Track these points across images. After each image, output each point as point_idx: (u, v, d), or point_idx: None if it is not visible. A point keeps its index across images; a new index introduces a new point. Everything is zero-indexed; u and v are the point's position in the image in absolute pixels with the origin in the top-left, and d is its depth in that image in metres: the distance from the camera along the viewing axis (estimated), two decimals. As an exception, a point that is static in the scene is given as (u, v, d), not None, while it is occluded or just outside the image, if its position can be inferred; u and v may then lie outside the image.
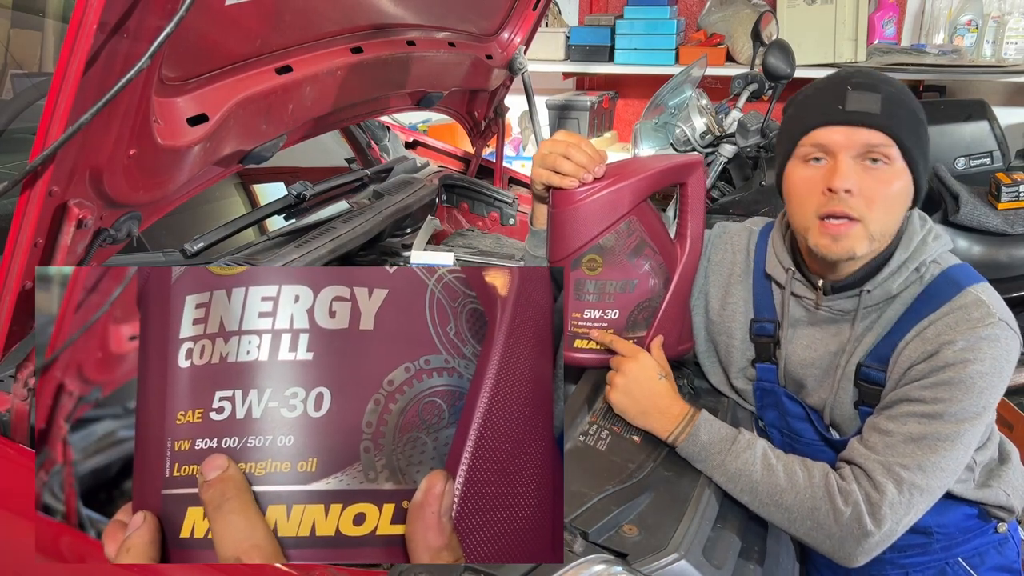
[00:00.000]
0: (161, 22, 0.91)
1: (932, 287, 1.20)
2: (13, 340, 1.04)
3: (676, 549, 1.02)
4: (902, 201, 1.18)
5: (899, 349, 1.19)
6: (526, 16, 2.05)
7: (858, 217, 1.15)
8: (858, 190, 1.14)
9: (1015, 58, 3.48)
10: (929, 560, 1.32)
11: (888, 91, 1.16)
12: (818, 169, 1.18)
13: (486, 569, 0.94)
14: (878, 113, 1.14)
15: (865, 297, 1.23)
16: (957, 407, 1.13)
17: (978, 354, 1.13)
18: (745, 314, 1.39)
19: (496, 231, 2.29)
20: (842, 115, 1.15)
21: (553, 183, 1.25)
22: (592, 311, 1.31)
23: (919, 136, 1.17)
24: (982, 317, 1.14)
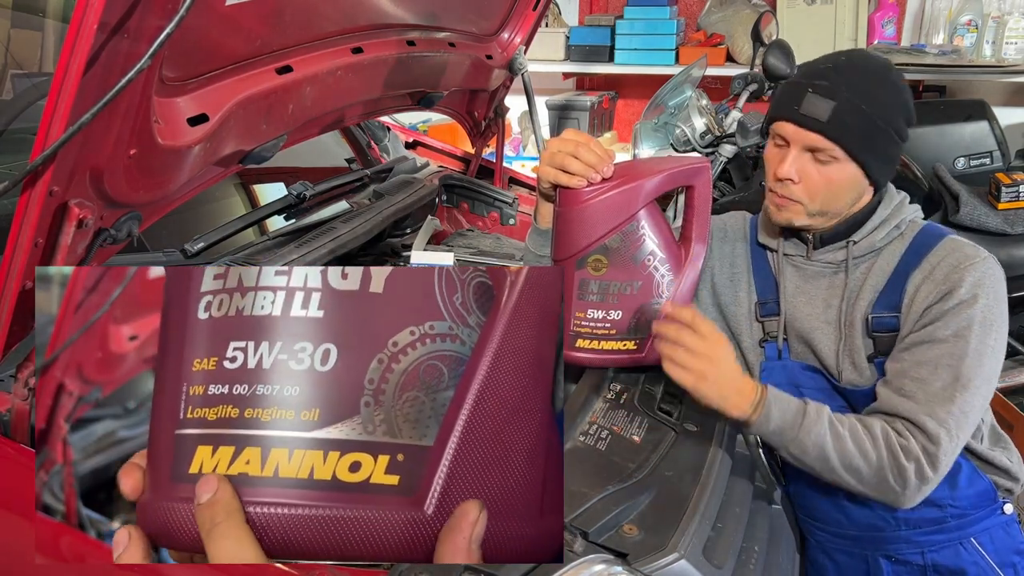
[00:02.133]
0: (161, 22, 0.91)
1: (917, 239, 1.34)
2: (13, 340, 1.04)
3: (676, 549, 1.03)
4: (847, 190, 1.32)
5: (910, 292, 1.30)
6: (526, 16, 2.05)
7: (797, 200, 1.32)
8: (800, 179, 1.31)
9: (1015, 58, 3.48)
10: (945, 539, 1.36)
11: (843, 100, 1.27)
12: (777, 152, 1.34)
13: (486, 569, 0.94)
14: (825, 121, 1.27)
15: (852, 248, 1.36)
16: (977, 342, 1.24)
17: (984, 289, 1.26)
18: (749, 292, 1.46)
19: (496, 231, 2.29)
20: (795, 115, 1.30)
21: (561, 182, 1.26)
22: (595, 311, 1.30)
23: (873, 140, 1.30)
24: (976, 253, 1.29)
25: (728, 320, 1.49)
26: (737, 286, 1.48)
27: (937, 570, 1.36)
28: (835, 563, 1.44)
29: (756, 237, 1.49)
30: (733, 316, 1.48)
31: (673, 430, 1.32)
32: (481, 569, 0.94)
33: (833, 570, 1.44)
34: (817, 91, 1.28)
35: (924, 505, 1.28)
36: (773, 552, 1.25)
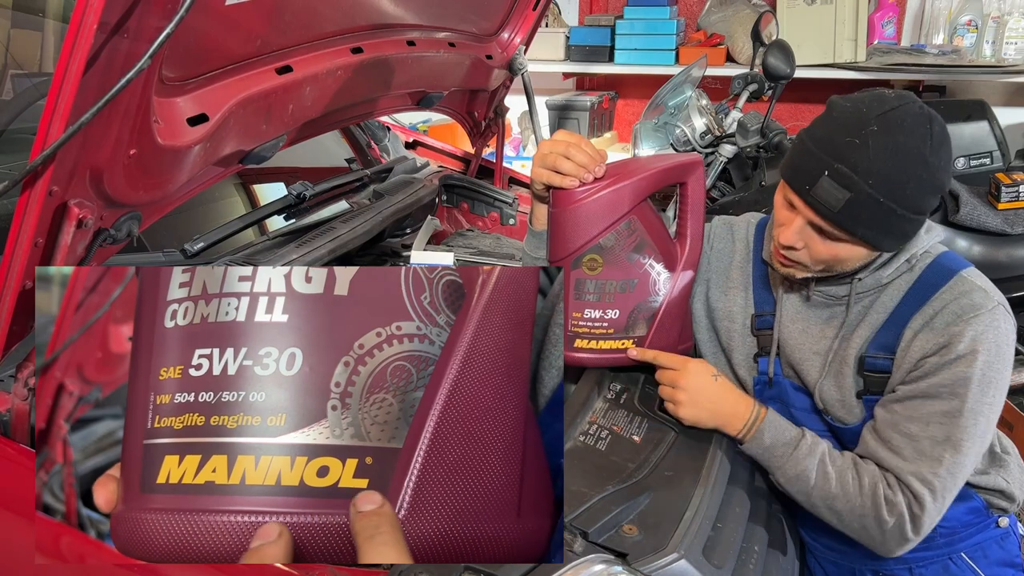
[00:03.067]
0: (161, 22, 0.91)
1: (925, 275, 1.25)
2: (13, 340, 1.04)
3: (676, 549, 1.02)
4: (853, 261, 1.23)
5: (907, 338, 1.23)
6: (526, 16, 2.05)
7: (800, 263, 1.25)
8: (804, 247, 1.23)
9: (1015, 58, 3.48)
10: (933, 555, 1.34)
11: (861, 190, 1.13)
12: (785, 212, 1.24)
13: (486, 569, 0.94)
14: (836, 211, 1.16)
15: (856, 284, 1.28)
16: (972, 400, 1.18)
17: (984, 343, 1.18)
18: (745, 305, 1.41)
19: (496, 231, 2.29)
20: (806, 195, 1.18)
21: (553, 183, 1.25)
22: (592, 311, 1.30)
23: (888, 226, 1.16)
24: (983, 302, 1.20)
25: (719, 334, 1.44)
26: (732, 299, 1.42)
27: None
28: (824, 572, 1.45)
29: (760, 248, 1.42)
30: (726, 331, 1.43)
31: (673, 430, 1.32)
32: (481, 569, 0.94)
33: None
34: (833, 176, 1.14)
35: None
36: (773, 552, 1.24)
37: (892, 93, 1.21)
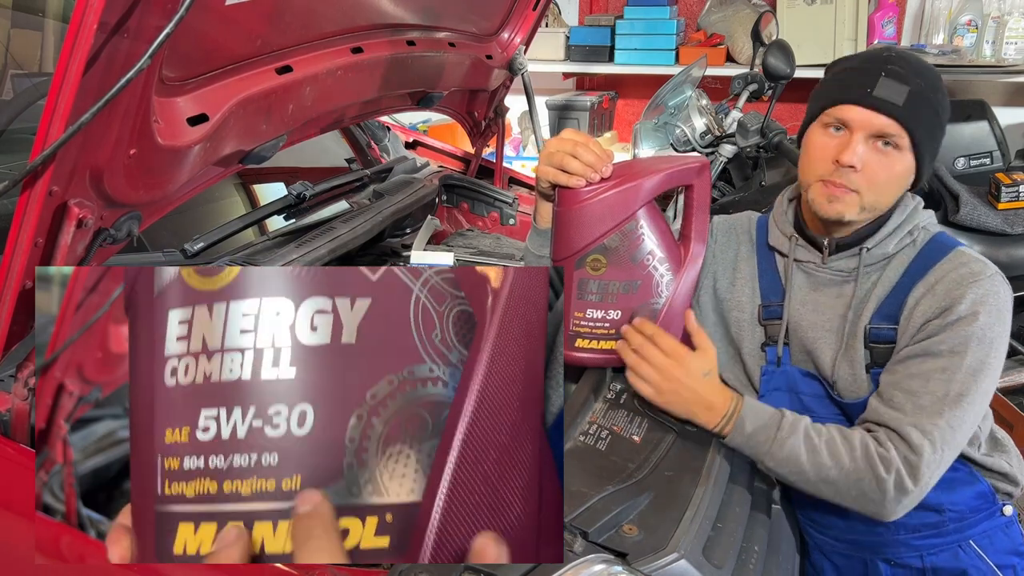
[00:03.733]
0: (161, 22, 0.91)
1: (925, 249, 1.31)
2: (13, 340, 1.04)
3: (676, 549, 1.02)
4: (902, 183, 1.30)
5: (910, 305, 1.27)
6: (526, 16, 2.05)
7: (856, 190, 1.27)
8: (863, 168, 1.26)
9: (1015, 58, 3.48)
10: (943, 542, 1.35)
11: (917, 86, 1.25)
12: (834, 138, 1.28)
13: (486, 569, 0.94)
14: (901, 105, 1.23)
15: (865, 256, 1.32)
16: (971, 358, 1.21)
17: (985, 306, 1.22)
18: (752, 296, 1.44)
19: (496, 231, 2.29)
20: (869, 99, 1.24)
21: (560, 182, 1.25)
22: (594, 311, 1.30)
23: (933, 132, 1.29)
24: (983, 270, 1.26)
25: (729, 325, 1.46)
26: (740, 290, 1.45)
27: (936, 573, 1.35)
28: (834, 565, 1.44)
29: (764, 239, 1.45)
30: (735, 321, 1.45)
31: (673, 430, 1.32)
32: (481, 569, 0.94)
33: (832, 572, 1.44)
34: (891, 75, 1.23)
35: (922, 509, 1.27)
36: (773, 552, 1.24)
37: None
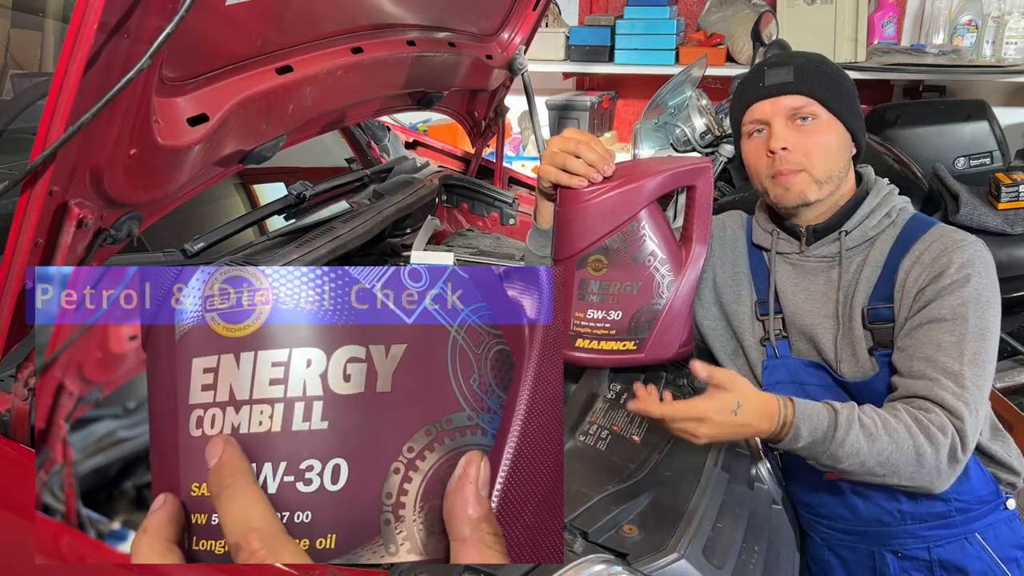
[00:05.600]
0: (161, 22, 0.91)
1: (907, 227, 1.37)
2: (13, 340, 1.04)
3: (676, 549, 1.03)
4: (837, 147, 1.36)
5: (900, 280, 1.32)
6: (526, 16, 2.05)
7: (799, 167, 1.34)
8: (793, 146, 1.34)
9: (1015, 58, 3.48)
10: (950, 534, 1.36)
11: (799, 63, 1.37)
12: (760, 139, 1.38)
13: (486, 569, 0.94)
14: (791, 81, 1.35)
15: (845, 240, 1.38)
16: (976, 319, 1.25)
17: (974, 268, 1.28)
18: (749, 292, 1.48)
19: (496, 231, 2.29)
20: (764, 90, 1.36)
21: (562, 182, 1.26)
22: (595, 311, 1.30)
23: (838, 91, 1.36)
24: (963, 238, 1.32)
25: (730, 319, 1.50)
26: (739, 285, 1.49)
27: (943, 565, 1.36)
28: (841, 559, 1.44)
29: (751, 238, 1.51)
30: (735, 314, 1.49)
31: (673, 430, 1.32)
32: (481, 569, 0.94)
33: (839, 567, 1.44)
34: (773, 66, 1.37)
35: (929, 500, 1.31)
36: (773, 552, 1.24)
37: None
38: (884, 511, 1.36)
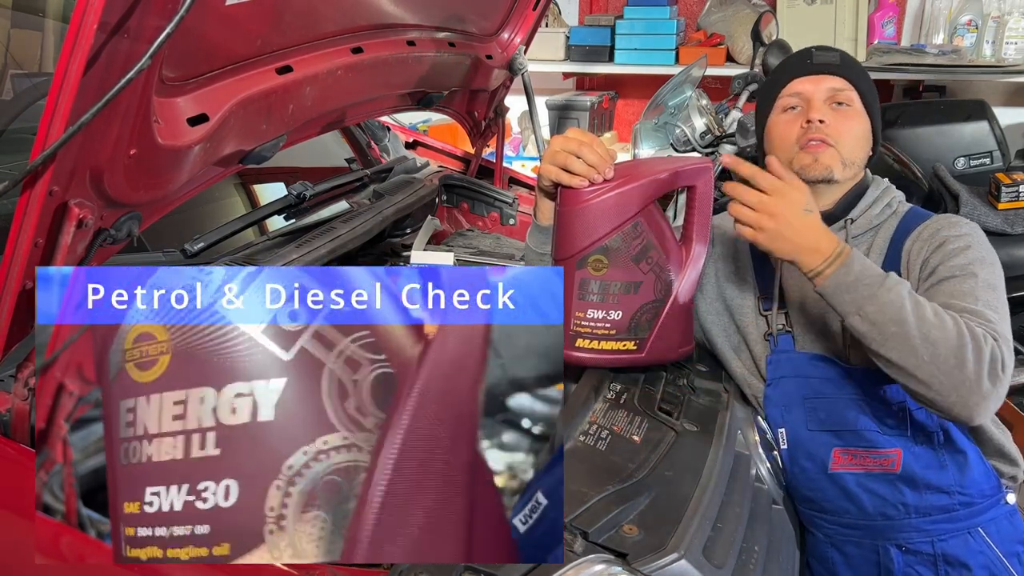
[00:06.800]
0: (161, 22, 0.91)
1: (907, 216, 1.42)
2: (13, 340, 1.04)
3: (676, 549, 1.02)
4: (864, 137, 1.43)
5: (904, 259, 1.36)
6: (526, 16, 2.05)
7: (832, 142, 1.39)
8: (829, 122, 1.39)
9: (1015, 58, 3.48)
10: (953, 528, 1.37)
11: (843, 54, 1.46)
12: (795, 114, 1.43)
13: (486, 569, 0.94)
14: (839, 64, 1.43)
15: (851, 227, 1.41)
16: (986, 274, 1.28)
17: (973, 239, 1.33)
18: (753, 288, 1.48)
19: (496, 231, 2.29)
20: (811, 67, 1.43)
21: (563, 181, 1.26)
22: (595, 311, 1.31)
23: (871, 88, 1.45)
24: (958, 220, 1.38)
25: (734, 314, 1.51)
26: (742, 280, 1.51)
27: (947, 560, 1.37)
28: (845, 556, 1.44)
29: None
30: (739, 309, 1.50)
31: (673, 430, 1.32)
32: (481, 569, 0.94)
33: (842, 563, 1.44)
34: (821, 49, 1.45)
35: (933, 492, 1.33)
36: (773, 552, 1.24)
37: None
38: (889, 504, 1.36)
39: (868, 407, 1.35)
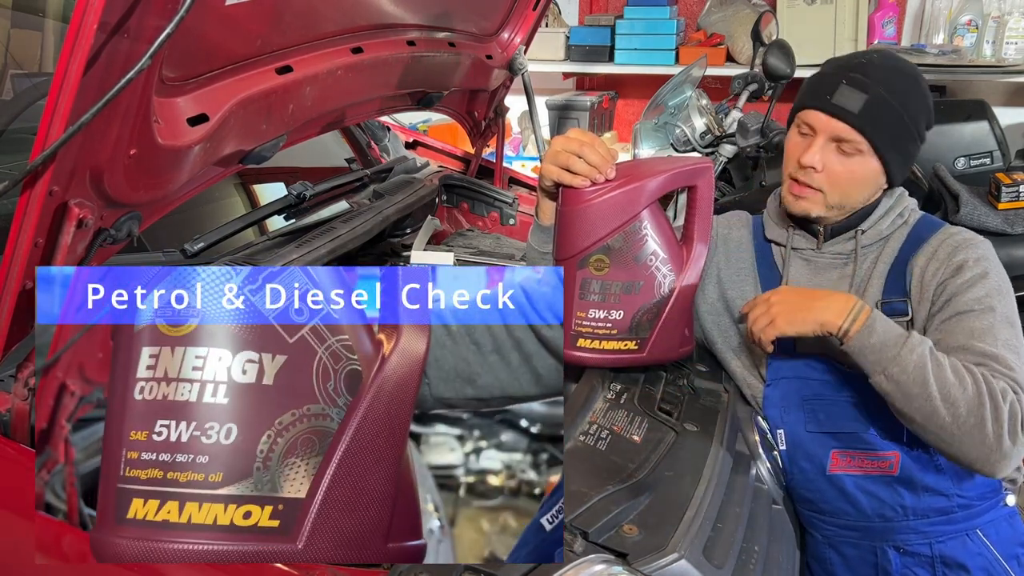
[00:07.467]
0: (161, 22, 0.91)
1: (918, 226, 1.40)
2: (13, 340, 1.04)
3: (676, 549, 1.03)
4: (868, 185, 1.37)
5: (916, 274, 1.34)
6: (526, 16, 2.05)
7: (819, 187, 1.36)
8: (823, 168, 1.35)
9: (1015, 58, 3.48)
10: (952, 530, 1.36)
11: (878, 94, 1.31)
12: (803, 140, 1.38)
13: (486, 569, 0.94)
14: (856, 113, 1.31)
15: (860, 238, 1.40)
16: (1004, 308, 1.27)
17: (988, 265, 1.31)
18: (754, 289, 1.48)
19: (496, 231, 2.29)
20: (827, 105, 1.33)
21: (564, 181, 1.26)
22: (596, 311, 1.31)
23: (899, 135, 1.34)
24: (972, 237, 1.36)
25: (734, 314, 1.50)
26: (744, 282, 1.50)
27: (944, 561, 1.36)
28: (842, 556, 1.44)
29: (762, 234, 1.52)
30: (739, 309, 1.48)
31: (673, 430, 1.32)
32: (481, 569, 0.94)
33: (840, 564, 1.44)
34: (851, 83, 1.31)
35: (931, 494, 1.33)
36: (773, 552, 1.24)
37: None
38: (887, 506, 1.36)
39: (866, 410, 1.35)
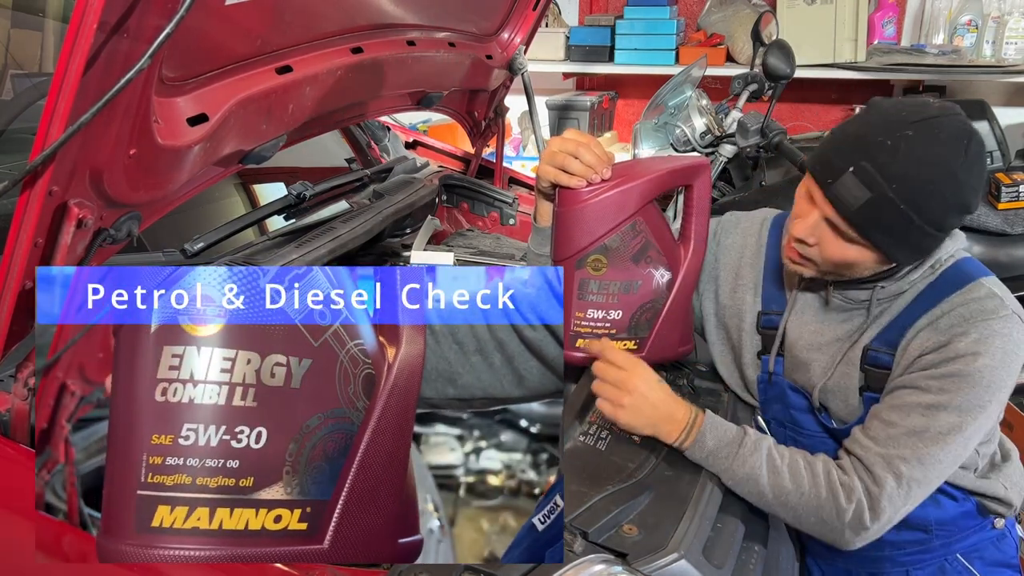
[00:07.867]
0: (161, 22, 0.91)
1: (941, 278, 1.22)
2: (13, 340, 1.04)
3: (676, 549, 1.03)
4: (864, 267, 1.21)
5: (909, 336, 1.21)
6: (526, 16, 2.05)
7: (811, 260, 1.23)
8: (817, 244, 1.20)
9: (1015, 58, 3.48)
10: (929, 557, 1.34)
11: (882, 193, 1.11)
12: (805, 203, 1.22)
13: (486, 569, 0.94)
14: (853, 209, 1.13)
15: (877, 291, 1.25)
16: (962, 399, 1.15)
17: (989, 347, 1.14)
18: (754, 303, 1.41)
19: (496, 231, 2.29)
20: (827, 188, 1.16)
21: (561, 182, 1.26)
22: (595, 311, 1.31)
23: (904, 236, 1.14)
24: (996, 308, 1.16)
25: (729, 331, 1.45)
26: (741, 296, 1.42)
27: None
28: (821, 572, 1.45)
29: (777, 239, 1.40)
30: (736, 328, 1.43)
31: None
32: (481, 569, 0.94)
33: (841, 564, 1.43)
34: (857, 174, 1.12)
35: (907, 528, 1.27)
36: (773, 552, 1.24)
37: (936, 103, 1.19)
38: None
39: (838, 446, 1.29)
